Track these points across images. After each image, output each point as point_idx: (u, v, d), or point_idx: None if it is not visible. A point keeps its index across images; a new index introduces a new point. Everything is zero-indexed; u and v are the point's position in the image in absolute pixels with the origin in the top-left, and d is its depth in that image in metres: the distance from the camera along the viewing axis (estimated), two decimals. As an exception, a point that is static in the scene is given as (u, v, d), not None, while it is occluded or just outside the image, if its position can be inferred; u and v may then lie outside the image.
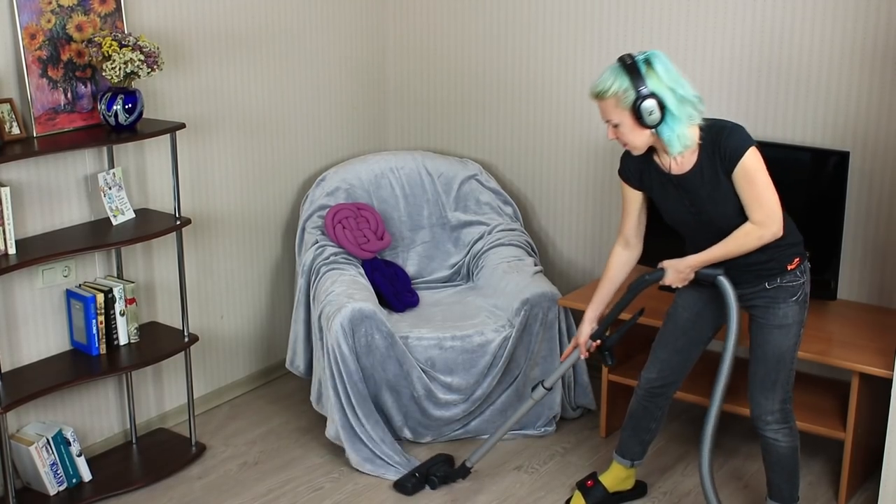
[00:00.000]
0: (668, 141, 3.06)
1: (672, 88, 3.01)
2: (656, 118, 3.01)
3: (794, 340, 3.26)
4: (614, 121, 3.08)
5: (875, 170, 4.00)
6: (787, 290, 3.21)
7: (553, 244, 4.90)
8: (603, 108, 3.09)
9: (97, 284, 3.91)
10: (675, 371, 3.54)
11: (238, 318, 4.66)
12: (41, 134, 3.69)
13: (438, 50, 5.02)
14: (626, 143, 3.13)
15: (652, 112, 3.00)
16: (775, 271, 3.20)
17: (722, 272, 3.20)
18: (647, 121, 3.02)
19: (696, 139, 3.10)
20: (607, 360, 3.52)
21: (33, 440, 3.74)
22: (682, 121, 3.04)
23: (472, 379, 4.12)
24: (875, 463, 3.78)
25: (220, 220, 4.48)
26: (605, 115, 3.10)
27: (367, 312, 4.00)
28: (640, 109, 3.00)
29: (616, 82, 3.02)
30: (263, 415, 4.53)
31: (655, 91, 3.00)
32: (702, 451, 3.32)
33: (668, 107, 3.01)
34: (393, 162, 4.79)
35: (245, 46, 4.45)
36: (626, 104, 3.03)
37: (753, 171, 3.06)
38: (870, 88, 3.95)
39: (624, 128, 3.08)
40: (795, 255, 3.20)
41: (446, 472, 3.91)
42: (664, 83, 3.01)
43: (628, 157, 3.29)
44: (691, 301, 3.43)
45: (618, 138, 3.13)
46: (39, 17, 3.64)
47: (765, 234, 3.09)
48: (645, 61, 3.02)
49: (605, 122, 3.12)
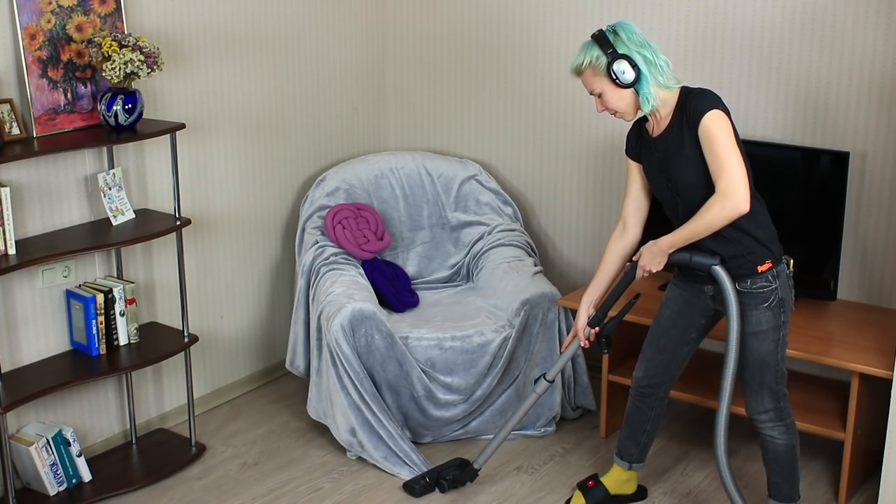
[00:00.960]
0: (641, 99, 3.19)
1: (639, 51, 3.16)
2: (630, 76, 3.15)
3: (772, 345, 3.26)
4: (597, 90, 3.23)
5: (875, 170, 4.00)
6: (757, 297, 3.21)
7: (553, 244, 4.91)
8: (585, 82, 3.25)
9: (97, 285, 3.91)
10: (660, 370, 3.55)
11: (238, 319, 4.66)
12: (41, 134, 3.69)
13: (438, 50, 5.02)
14: (614, 110, 3.25)
15: (625, 71, 3.15)
16: (745, 271, 3.19)
17: (718, 262, 3.20)
18: (622, 80, 3.16)
19: (667, 100, 3.20)
20: (604, 348, 3.49)
21: (33, 440, 3.74)
22: (650, 81, 3.16)
23: (471, 379, 4.12)
24: (875, 463, 3.78)
25: (220, 220, 4.48)
26: (588, 87, 3.26)
27: (367, 313, 4.00)
28: (613, 70, 3.15)
29: (588, 53, 3.20)
30: (263, 415, 4.53)
31: (625, 53, 3.15)
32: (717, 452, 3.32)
33: (639, 66, 3.15)
34: (393, 162, 4.79)
35: (245, 47, 4.45)
36: (601, 70, 3.18)
37: (716, 132, 3.09)
38: (869, 89, 3.95)
39: (606, 95, 3.21)
40: (768, 258, 3.19)
41: (455, 475, 3.89)
42: (631, 46, 3.15)
43: (631, 131, 3.41)
44: (672, 299, 3.48)
45: (606, 109, 3.25)
46: (39, 18, 3.64)
47: (726, 204, 3.05)
48: (611, 31, 3.19)
49: (591, 96, 3.27)
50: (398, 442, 3.98)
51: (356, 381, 3.96)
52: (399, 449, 3.98)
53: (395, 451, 3.98)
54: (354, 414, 3.98)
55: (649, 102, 3.18)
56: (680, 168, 3.19)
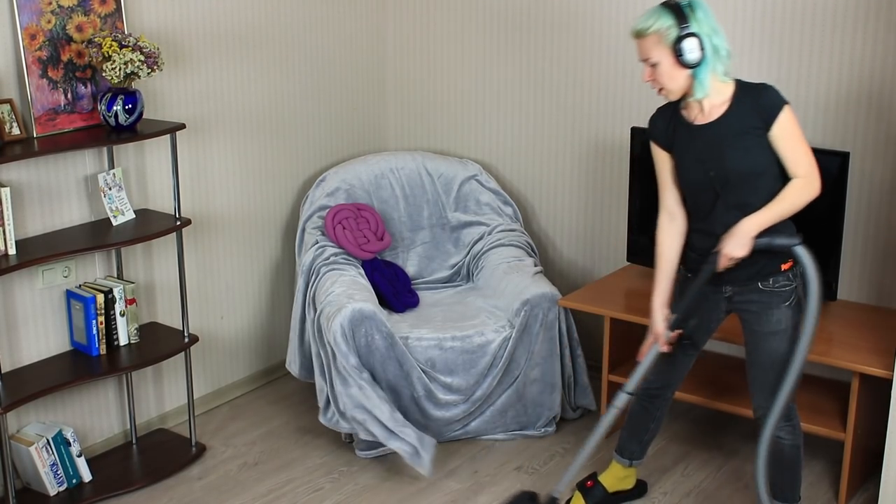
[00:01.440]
0: (698, 83, 3.08)
1: (709, 35, 3.05)
2: (695, 58, 3.03)
3: (788, 344, 3.26)
4: (654, 59, 3.07)
5: (875, 170, 4.00)
6: (779, 296, 3.20)
7: (553, 244, 4.90)
8: (643, 47, 3.09)
9: (97, 285, 3.91)
10: (672, 374, 3.54)
11: (238, 319, 4.66)
12: (41, 134, 3.69)
13: (438, 50, 5.02)
14: (662, 85, 3.12)
15: (693, 51, 3.02)
16: (769, 269, 3.18)
17: (800, 241, 3.13)
18: (687, 59, 3.03)
19: (721, 90, 3.12)
20: (688, 350, 3.34)
21: (33, 440, 3.74)
22: (712, 68, 3.07)
23: (472, 379, 4.12)
24: (875, 463, 3.78)
25: (220, 220, 4.48)
26: (644, 53, 3.09)
27: (367, 313, 4.00)
28: (682, 47, 3.02)
29: (659, 20, 3.04)
30: (263, 415, 4.53)
31: (696, 32, 3.03)
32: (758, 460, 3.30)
33: (706, 50, 3.04)
34: (393, 162, 4.79)
35: (245, 47, 4.45)
36: (668, 41, 3.04)
37: (793, 125, 3.10)
38: (870, 88, 3.95)
39: (662, 67, 3.07)
40: (791, 256, 3.19)
41: None
42: (704, 27, 3.04)
43: (657, 117, 3.30)
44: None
45: (654, 80, 3.12)
46: (39, 18, 3.64)
47: (810, 187, 3.09)
48: (689, 5, 3.05)
49: (643, 62, 3.11)
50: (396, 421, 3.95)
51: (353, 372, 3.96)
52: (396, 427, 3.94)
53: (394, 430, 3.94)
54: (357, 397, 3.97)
55: (704, 89, 3.09)
56: (737, 157, 3.11)
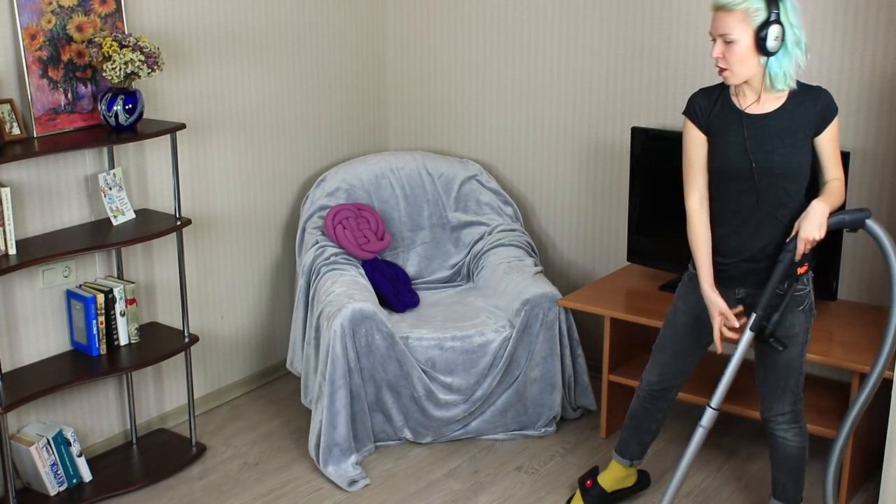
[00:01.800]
0: (774, 75, 3.04)
1: (793, 25, 3.01)
2: (776, 46, 2.99)
3: (801, 349, 3.25)
4: (733, 36, 2.99)
5: (875, 170, 4.00)
6: (794, 300, 3.20)
7: (553, 244, 4.90)
8: (724, 22, 3.00)
9: (97, 285, 3.91)
10: (675, 375, 3.53)
11: (238, 319, 4.66)
12: (41, 134, 3.69)
13: (438, 50, 5.02)
14: (728, 66, 3.05)
15: (776, 38, 2.98)
16: (786, 272, 3.18)
17: (870, 214, 3.14)
18: (769, 45, 2.98)
19: (793, 84, 3.09)
20: (779, 346, 3.21)
21: (33, 440, 3.74)
22: (792, 60, 3.04)
23: (472, 379, 4.12)
24: (875, 463, 3.78)
25: (220, 220, 4.48)
26: (723, 28, 3.00)
27: (367, 313, 3.99)
28: (767, 32, 2.97)
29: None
30: (264, 415, 4.53)
31: (783, 21, 2.99)
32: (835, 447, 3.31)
33: (787, 41, 3.00)
34: (393, 162, 4.79)
35: (245, 47, 4.45)
36: (753, 22, 2.98)
37: (838, 131, 3.14)
38: (869, 90, 3.95)
39: (737, 48, 3.00)
40: (805, 260, 3.17)
41: None
42: (791, 19, 3.00)
43: (700, 96, 3.22)
44: (689, 304, 3.39)
45: (723, 58, 3.03)
46: (40, 18, 3.63)
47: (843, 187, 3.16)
48: None
49: (718, 38, 3.03)
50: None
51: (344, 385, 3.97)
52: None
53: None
54: None
55: (785, 81, 3.05)
56: (787, 154, 3.08)
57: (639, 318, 3.97)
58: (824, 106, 3.10)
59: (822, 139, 3.11)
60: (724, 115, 3.15)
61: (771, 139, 3.09)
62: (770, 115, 3.10)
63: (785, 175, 3.10)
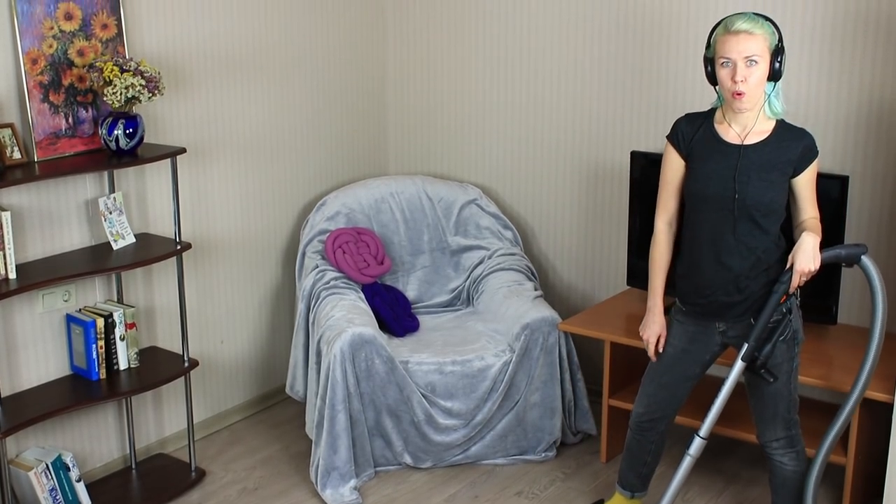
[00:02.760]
0: (773, 102, 3.13)
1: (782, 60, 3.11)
2: (781, 73, 3.08)
3: (785, 377, 3.26)
4: (757, 57, 3.04)
5: (875, 194, 4.01)
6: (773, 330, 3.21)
7: (553, 268, 4.90)
8: (753, 44, 3.04)
9: (97, 309, 3.91)
10: (662, 406, 3.52)
11: (238, 343, 4.66)
12: (42, 158, 3.69)
13: (438, 75, 5.04)
14: (749, 89, 3.06)
15: (783, 64, 3.08)
16: (761, 304, 3.20)
17: (866, 250, 3.19)
18: (778, 69, 3.07)
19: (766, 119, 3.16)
20: (769, 377, 3.26)
21: (32, 465, 3.72)
22: (780, 92, 3.14)
23: (472, 404, 4.11)
24: (876, 488, 3.76)
25: (220, 244, 4.48)
26: (750, 51, 3.03)
27: (367, 337, 3.99)
28: (780, 59, 3.07)
29: (767, 27, 3.06)
30: (263, 440, 4.51)
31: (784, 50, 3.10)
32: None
33: (781, 72, 3.09)
34: (393, 186, 4.79)
35: (245, 71, 4.46)
36: (771, 47, 3.07)
37: (814, 176, 3.20)
38: (868, 113, 3.96)
39: (759, 71, 3.06)
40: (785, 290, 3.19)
41: None
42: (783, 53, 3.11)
43: (684, 122, 3.30)
44: (676, 336, 3.41)
45: (746, 80, 3.04)
46: (41, 42, 3.65)
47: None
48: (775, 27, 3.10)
49: (741, 61, 3.04)
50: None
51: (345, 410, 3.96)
52: None
53: None
54: None
55: (779, 107, 3.13)
56: (761, 186, 3.13)
57: (639, 342, 3.96)
58: (806, 147, 3.15)
59: (801, 180, 3.17)
60: (709, 143, 3.21)
61: (748, 171, 3.14)
62: (751, 147, 3.16)
63: (756, 208, 3.15)
